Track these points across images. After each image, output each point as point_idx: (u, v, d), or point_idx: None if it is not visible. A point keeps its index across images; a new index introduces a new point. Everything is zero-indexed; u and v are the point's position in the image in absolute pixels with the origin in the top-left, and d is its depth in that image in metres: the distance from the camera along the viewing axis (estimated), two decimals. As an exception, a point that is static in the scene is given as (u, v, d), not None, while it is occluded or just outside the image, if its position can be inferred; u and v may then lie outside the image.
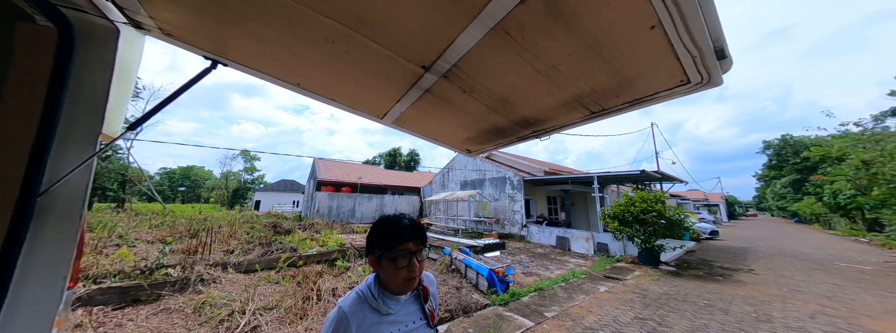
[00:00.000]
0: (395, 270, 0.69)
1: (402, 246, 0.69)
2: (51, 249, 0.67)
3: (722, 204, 33.55)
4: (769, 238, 14.13)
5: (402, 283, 0.71)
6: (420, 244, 0.73)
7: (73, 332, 2.51)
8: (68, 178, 0.67)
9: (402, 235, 0.70)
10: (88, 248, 4.39)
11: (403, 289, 0.73)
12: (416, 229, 0.73)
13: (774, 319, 3.72)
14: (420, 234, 0.73)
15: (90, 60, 0.70)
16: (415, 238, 0.71)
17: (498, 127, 1.17)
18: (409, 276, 0.70)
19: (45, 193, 0.66)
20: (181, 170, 54.71)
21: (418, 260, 0.71)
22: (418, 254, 0.72)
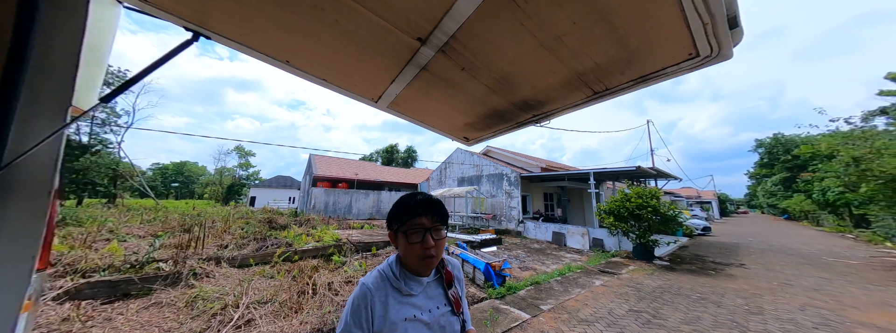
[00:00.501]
0: (408, 245, 0.69)
1: (415, 220, 0.69)
2: (16, 227, 0.63)
3: (714, 202, 34.11)
4: (760, 234, 14.40)
5: (418, 261, 0.69)
6: (436, 221, 0.70)
7: (60, 326, 2.44)
8: (35, 152, 0.62)
9: (415, 210, 0.69)
10: (77, 242, 4.29)
11: (421, 268, 0.71)
12: (431, 205, 0.71)
13: (765, 311, 3.79)
14: (436, 211, 0.71)
15: (58, 24, 0.65)
16: (429, 214, 0.70)
17: (497, 110, 1.13)
18: (424, 253, 0.68)
19: (7, 166, 0.61)
20: (174, 166, 53.88)
21: (434, 239, 0.69)
22: (434, 232, 0.69)
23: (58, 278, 3.15)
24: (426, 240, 0.68)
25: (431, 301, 0.73)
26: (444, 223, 0.72)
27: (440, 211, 0.72)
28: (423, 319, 0.69)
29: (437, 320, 0.71)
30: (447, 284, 0.76)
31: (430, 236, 0.69)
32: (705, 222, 14.26)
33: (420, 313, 0.69)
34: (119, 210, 10.27)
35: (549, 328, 3.09)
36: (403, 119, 1.37)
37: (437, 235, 0.70)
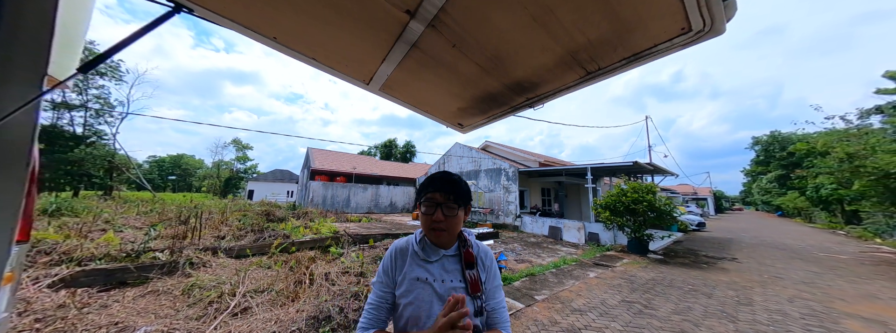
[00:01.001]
0: (422, 215, 0.77)
1: (431, 194, 0.75)
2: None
3: (710, 198, 34.46)
4: (753, 230, 14.61)
5: (428, 230, 0.78)
6: (448, 197, 0.75)
7: (56, 312, 2.45)
8: (10, 121, 0.61)
9: (431, 186, 0.77)
10: (73, 232, 4.28)
11: (432, 237, 0.79)
12: (447, 182, 0.76)
13: (755, 302, 3.87)
14: (451, 189, 0.76)
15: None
16: (443, 190, 0.75)
17: (490, 93, 1.12)
18: (432, 225, 0.75)
19: None
20: (171, 159, 53.49)
21: (444, 213, 0.74)
22: (445, 207, 0.74)
23: (53, 266, 3.15)
24: (436, 214, 0.74)
25: (446, 273, 0.77)
26: (459, 201, 0.76)
27: (456, 190, 0.76)
28: (434, 285, 0.74)
29: (448, 292, 0.73)
30: (466, 263, 0.78)
31: (441, 210, 0.74)
32: (700, 218, 14.43)
33: (432, 278, 0.75)
34: (116, 201, 10.23)
35: (543, 317, 3.14)
36: (396, 103, 1.35)
37: (449, 211, 0.75)
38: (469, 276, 0.76)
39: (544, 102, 1.12)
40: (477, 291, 0.74)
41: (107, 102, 18.26)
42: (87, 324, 2.34)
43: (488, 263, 0.82)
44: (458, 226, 0.78)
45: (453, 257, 0.79)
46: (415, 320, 0.71)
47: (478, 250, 0.83)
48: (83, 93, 17.44)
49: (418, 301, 0.72)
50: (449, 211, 0.75)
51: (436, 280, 0.75)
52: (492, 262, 0.83)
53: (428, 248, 0.79)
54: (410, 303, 0.72)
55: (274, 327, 2.45)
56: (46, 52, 0.64)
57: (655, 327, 2.99)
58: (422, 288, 0.73)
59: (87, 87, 17.57)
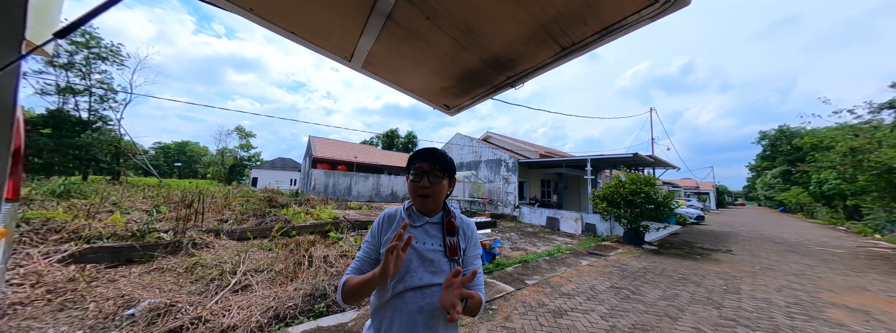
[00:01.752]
0: (410, 183, 0.84)
1: (418, 164, 0.83)
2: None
3: (712, 193, 34.28)
4: (752, 224, 14.63)
5: (414, 197, 0.84)
6: (434, 166, 0.81)
7: (66, 285, 2.59)
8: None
9: (419, 157, 0.84)
10: (81, 213, 4.42)
11: (417, 204, 0.85)
12: (433, 154, 0.84)
13: (742, 291, 3.95)
14: (437, 159, 0.82)
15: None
16: (429, 160, 0.82)
17: (470, 71, 1.12)
18: (418, 192, 0.82)
19: None
20: (176, 146, 54.02)
21: (430, 181, 0.81)
22: (431, 176, 0.81)
23: (62, 243, 3.29)
24: (422, 181, 0.81)
25: (428, 237, 0.83)
26: (445, 172, 0.83)
27: (442, 161, 0.83)
28: (416, 246, 0.81)
29: (428, 253, 0.80)
30: (448, 231, 0.84)
31: (427, 178, 0.81)
32: (699, 211, 14.43)
33: (415, 242, 0.81)
34: (123, 186, 10.46)
35: (531, 299, 3.25)
36: (381, 82, 1.35)
37: (434, 179, 0.81)
38: (449, 242, 0.82)
39: (524, 81, 1.12)
40: (455, 255, 0.81)
41: (110, 87, 18.28)
42: (96, 296, 2.47)
43: (470, 234, 0.89)
44: (442, 194, 0.84)
45: (436, 224, 0.86)
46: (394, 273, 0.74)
47: (460, 221, 0.89)
48: (86, 77, 17.44)
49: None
50: (434, 178, 0.81)
51: (417, 242, 0.81)
52: (473, 233, 0.90)
53: (414, 215, 0.87)
54: None
55: (272, 303, 2.57)
56: (23, 15, 0.66)
57: (640, 311, 3.08)
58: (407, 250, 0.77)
59: (90, 72, 17.55)
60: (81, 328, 2.05)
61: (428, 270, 0.78)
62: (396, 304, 0.75)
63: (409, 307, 0.74)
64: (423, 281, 0.76)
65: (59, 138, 15.71)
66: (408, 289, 0.75)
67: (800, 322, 3.00)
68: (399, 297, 0.75)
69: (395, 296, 0.75)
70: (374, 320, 0.80)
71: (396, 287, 0.75)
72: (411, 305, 0.74)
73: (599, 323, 2.75)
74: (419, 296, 0.75)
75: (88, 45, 17.15)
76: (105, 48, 17.71)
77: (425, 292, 0.75)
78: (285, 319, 2.39)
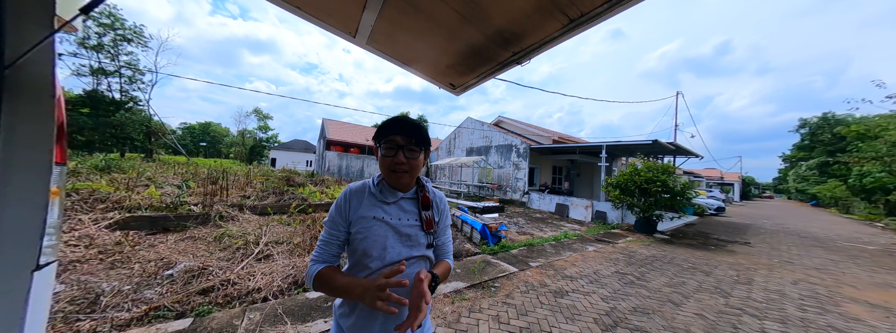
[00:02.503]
0: (382, 158, 0.76)
1: (392, 136, 0.75)
2: (30, 124, 0.73)
3: (737, 184, 32.51)
4: (777, 217, 13.90)
5: (387, 173, 0.78)
6: (410, 139, 0.75)
7: (114, 247, 2.92)
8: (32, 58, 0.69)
9: (392, 127, 0.75)
10: (121, 186, 4.84)
11: (391, 180, 0.79)
12: (408, 126, 0.76)
13: (755, 282, 3.86)
14: (412, 132, 0.75)
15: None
16: (404, 133, 0.75)
17: (475, 47, 1.08)
18: (392, 167, 0.75)
19: (11, 67, 0.69)
20: (200, 126, 56.65)
21: (405, 156, 0.75)
22: (407, 150, 0.75)
23: (107, 211, 3.65)
24: (397, 156, 0.74)
25: (403, 213, 0.80)
26: (420, 145, 0.77)
27: (417, 134, 0.76)
28: (391, 222, 0.77)
29: (404, 228, 0.78)
30: (423, 205, 0.82)
31: (402, 152, 0.75)
32: (720, 202, 13.83)
33: (389, 217, 0.78)
34: (156, 163, 11.25)
35: (534, 280, 3.34)
36: (385, 59, 1.34)
37: (410, 154, 0.76)
38: (425, 216, 0.81)
39: (531, 57, 1.07)
40: (430, 228, 0.81)
41: (137, 68, 19.06)
42: (140, 258, 2.78)
43: (443, 207, 0.88)
44: (418, 169, 0.79)
45: (411, 199, 0.83)
46: (369, 251, 0.74)
47: (434, 195, 0.87)
48: (115, 59, 18.21)
49: (373, 236, 0.75)
50: (411, 153, 0.76)
51: (392, 218, 0.78)
52: (445, 206, 0.89)
53: (386, 191, 0.81)
54: (365, 238, 0.75)
55: (291, 271, 2.80)
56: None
57: (643, 296, 3.11)
58: (378, 226, 0.76)
59: (118, 54, 18.27)
60: (129, 284, 2.34)
61: (405, 245, 0.77)
62: None
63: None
64: (401, 256, 0.76)
65: (96, 117, 16.84)
66: (386, 265, 0.74)
67: (812, 315, 2.94)
68: (378, 273, 0.73)
69: (374, 273, 0.74)
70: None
71: (373, 265, 0.74)
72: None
73: (599, 305, 2.81)
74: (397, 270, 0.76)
75: (114, 26, 17.70)
76: (129, 30, 18.25)
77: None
78: (303, 285, 2.61)
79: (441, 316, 2.39)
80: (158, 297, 2.20)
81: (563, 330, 2.30)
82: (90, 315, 1.94)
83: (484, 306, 2.63)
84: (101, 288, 2.19)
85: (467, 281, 3.09)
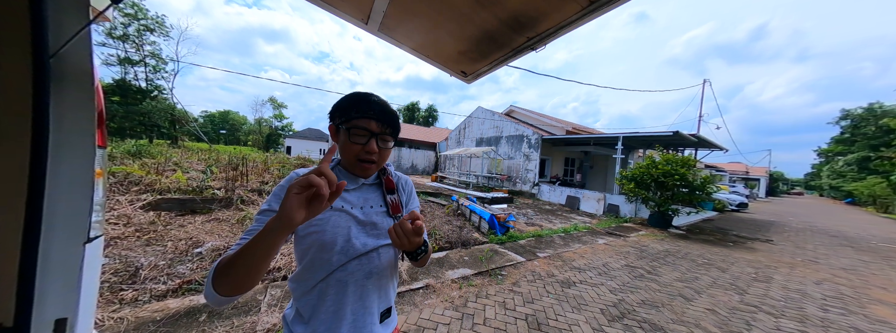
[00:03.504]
0: (349, 144, 0.65)
1: (365, 121, 0.63)
2: (74, 108, 0.79)
3: (763, 179, 30.78)
4: (804, 215, 13.17)
5: (353, 161, 0.67)
6: (386, 128, 0.66)
7: (149, 226, 3.17)
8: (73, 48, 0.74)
9: (367, 110, 0.64)
10: (152, 170, 5.16)
11: (357, 169, 0.68)
12: (385, 112, 0.66)
13: (774, 281, 3.74)
14: (389, 119, 0.66)
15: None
16: (381, 120, 0.65)
17: (488, 32, 1.04)
18: (362, 156, 0.65)
19: (55, 56, 0.74)
20: (220, 114, 58.76)
21: (379, 146, 0.65)
22: (381, 139, 0.66)
23: (141, 193, 3.93)
24: (370, 145, 0.64)
25: (366, 200, 0.72)
26: (395, 135, 0.69)
27: (394, 121, 0.67)
28: (353, 213, 0.68)
29: (369, 217, 0.70)
30: (388, 190, 0.76)
31: (375, 141, 0.65)
32: (743, 198, 13.20)
33: (350, 207, 0.69)
34: (181, 149, 11.86)
35: (541, 270, 3.37)
36: (396, 46, 1.32)
37: (384, 144, 0.67)
38: (390, 200, 0.74)
39: (546, 42, 1.02)
40: (397, 212, 0.75)
41: (160, 58, 19.75)
42: (171, 236, 3.01)
43: (408, 188, 0.82)
44: (386, 159, 0.71)
45: (373, 185, 0.76)
46: (330, 244, 0.64)
47: (397, 177, 0.81)
48: (140, 49, 18.89)
49: (332, 228, 0.65)
50: (384, 143, 0.67)
51: (354, 207, 0.69)
52: (410, 187, 0.83)
53: (344, 178, 0.71)
54: (323, 231, 0.64)
55: (308, 253, 2.95)
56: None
57: (653, 289, 3.09)
58: (337, 216, 0.66)
59: (142, 44, 18.93)
60: (164, 259, 2.55)
61: (371, 234, 0.68)
62: (340, 277, 0.64)
63: (356, 276, 0.65)
64: (367, 247, 0.67)
65: (125, 105, 17.77)
66: (351, 259, 0.65)
67: (834, 315, 2.83)
68: (341, 269, 0.64)
69: (338, 269, 0.64)
70: (306, 303, 0.65)
71: (335, 259, 0.63)
72: (359, 274, 0.65)
73: (607, 296, 2.82)
74: (366, 262, 0.66)
75: (137, 16, 18.23)
76: (152, 20, 18.77)
77: (371, 256, 0.67)
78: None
79: (448, 300, 2.47)
80: (190, 272, 2.39)
81: (568, 319, 2.34)
82: (132, 285, 2.14)
83: (491, 292, 2.70)
84: (140, 263, 2.40)
85: (475, 269, 3.16)
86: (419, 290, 2.60)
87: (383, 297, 0.71)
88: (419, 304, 2.38)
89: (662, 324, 2.37)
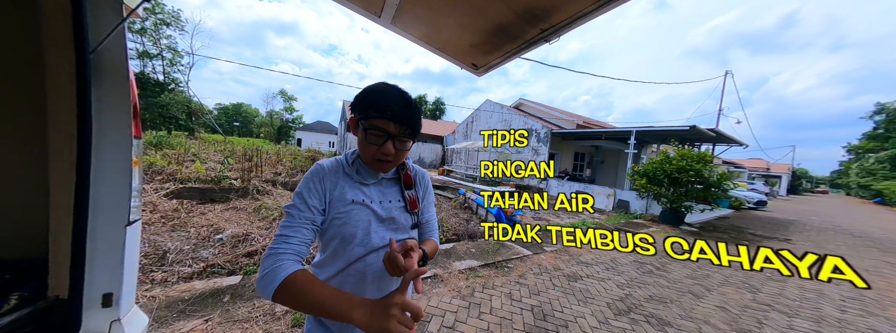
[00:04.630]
0: (365, 144, 0.65)
1: (381, 121, 0.61)
2: (113, 100, 0.84)
3: (785, 176, 29.48)
4: (827, 214, 12.60)
5: (370, 159, 0.67)
6: (404, 130, 0.64)
7: (173, 213, 3.35)
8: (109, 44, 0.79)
9: (384, 109, 0.61)
10: (173, 160, 5.40)
11: (373, 166, 0.69)
12: (408, 110, 0.63)
13: (789, 280, 3.64)
14: (409, 121, 0.63)
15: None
16: (399, 121, 0.62)
17: (501, 24, 1.03)
18: (379, 157, 0.65)
19: (94, 52, 0.78)
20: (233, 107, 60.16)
21: (396, 147, 0.64)
22: (398, 141, 0.64)
23: (164, 182, 4.14)
24: (386, 147, 0.63)
25: (385, 195, 0.73)
26: (413, 135, 0.67)
27: (413, 122, 0.64)
28: (372, 207, 0.69)
29: (388, 211, 0.71)
30: (406, 185, 0.77)
31: (393, 144, 0.64)
32: (762, 196, 12.72)
33: (370, 201, 0.69)
34: (198, 141, 12.28)
35: (548, 263, 3.40)
36: (409, 39, 1.32)
37: (401, 146, 0.65)
38: (408, 196, 0.76)
39: (560, 34, 1.01)
40: (414, 208, 0.76)
41: (176, 52, 20.24)
42: (194, 223, 3.18)
43: (424, 183, 0.83)
44: (403, 158, 0.72)
45: (392, 180, 0.77)
46: (350, 237, 0.66)
47: (415, 172, 0.82)
48: (157, 43, 19.38)
49: (354, 221, 0.67)
50: (401, 144, 0.65)
51: (373, 201, 0.70)
52: (427, 181, 0.85)
53: (364, 171, 0.72)
54: (345, 224, 0.66)
55: (321, 241, 3.07)
56: None
57: (661, 285, 3.07)
58: (358, 209, 0.68)
59: (159, 38, 19.40)
60: (189, 244, 2.71)
61: (389, 228, 0.71)
62: (359, 268, 0.67)
63: (374, 268, 0.68)
64: (385, 241, 0.69)
65: (145, 98, 18.41)
66: (370, 252, 0.67)
67: (852, 316, 2.76)
68: (361, 261, 0.67)
69: (357, 260, 0.67)
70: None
71: (356, 251, 0.66)
72: (377, 265, 0.68)
73: (614, 291, 2.83)
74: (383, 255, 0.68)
75: (154, 10, 18.61)
76: (168, 14, 19.14)
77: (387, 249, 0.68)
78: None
79: (456, 290, 2.54)
80: (213, 257, 2.54)
81: (574, 311, 2.37)
82: (161, 267, 2.29)
83: (497, 284, 2.75)
84: (167, 247, 2.56)
85: (481, 260, 3.22)
86: (427, 279, 2.68)
87: None
88: (427, 292, 2.45)
89: (670, 319, 2.37)
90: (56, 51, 0.78)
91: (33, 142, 0.88)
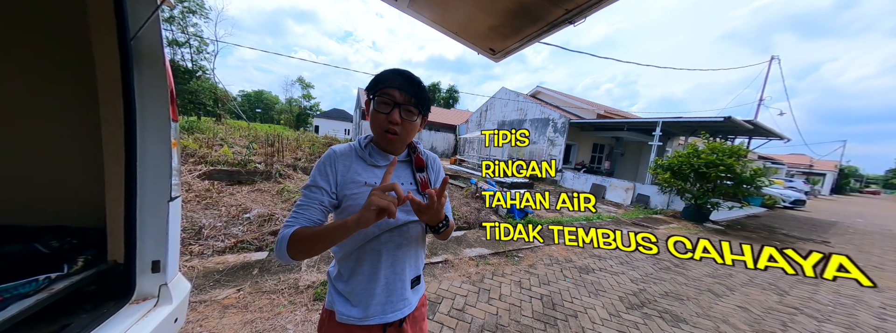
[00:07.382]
0: (375, 113, 0.68)
1: (389, 90, 0.66)
2: (152, 85, 0.89)
3: (830, 174, 26.98)
4: (876, 216, 11.51)
5: (380, 132, 0.70)
6: (410, 100, 0.67)
7: (205, 193, 3.61)
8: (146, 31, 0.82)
9: (391, 81, 0.66)
10: (203, 144, 5.74)
11: (383, 141, 0.72)
12: (409, 82, 0.67)
13: (824, 284, 3.42)
14: (413, 90, 0.67)
15: None
16: (404, 89, 0.66)
17: (523, 5, 0.97)
18: (386, 126, 0.67)
19: (134, 39, 0.83)
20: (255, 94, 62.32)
21: (401, 116, 0.67)
22: (404, 109, 0.67)
23: (196, 164, 4.43)
24: (392, 115, 0.66)
25: (397, 177, 0.75)
26: (419, 107, 0.69)
27: (419, 93, 0.68)
28: None
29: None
30: (417, 167, 0.79)
31: (399, 111, 0.66)
32: (800, 195, 11.78)
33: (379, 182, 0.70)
34: (225, 126, 12.94)
35: (559, 255, 3.38)
36: (426, 23, 1.28)
37: (407, 115, 0.68)
38: (420, 178, 0.78)
39: (586, 15, 0.93)
40: (426, 188, 0.78)
41: (202, 40, 20.96)
42: (224, 203, 3.42)
43: (437, 168, 0.85)
44: (412, 134, 0.73)
45: (404, 162, 0.79)
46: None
47: (426, 156, 0.84)
48: (184, 31, 20.11)
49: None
50: (407, 114, 0.68)
51: None
52: (439, 165, 0.86)
53: (376, 154, 0.74)
54: (359, 205, 0.65)
55: (338, 224, 3.21)
56: None
57: (679, 282, 2.99)
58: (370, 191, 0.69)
59: (186, 26, 20.11)
60: (221, 221, 2.93)
61: (402, 209, 0.70)
62: (374, 246, 0.70)
63: (389, 246, 0.71)
64: (398, 222, 0.71)
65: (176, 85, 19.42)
66: (384, 232, 0.70)
67: (892, 325, 2.57)
68: (375, 240, 0.70)
69: (372, 240, 0.69)
70: (345, 265, 0.73)
71: (370, 232, 0.69)
72: (391, 244, 0.71)
73: (627, 285, 2.79)
74: (397, 234, 0.72)
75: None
76: (193, 2, 19.69)
77: (401, 230, 0.72)
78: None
79: (466, 275, 2.61)
80: (242, 233, 2.74)
81: (584, 302, 2.38)
82: (198, 241, 2.51)
83: (507, 272, 2.79)
84: (202, 223, 2.79)
85: (491, 249, 3.25)
86: (438, 264, 2.76)
87: (413, 266, 0.77)
88: (438, 276, 2.54)
89: (686, 316, 2.32)
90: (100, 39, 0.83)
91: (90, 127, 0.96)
